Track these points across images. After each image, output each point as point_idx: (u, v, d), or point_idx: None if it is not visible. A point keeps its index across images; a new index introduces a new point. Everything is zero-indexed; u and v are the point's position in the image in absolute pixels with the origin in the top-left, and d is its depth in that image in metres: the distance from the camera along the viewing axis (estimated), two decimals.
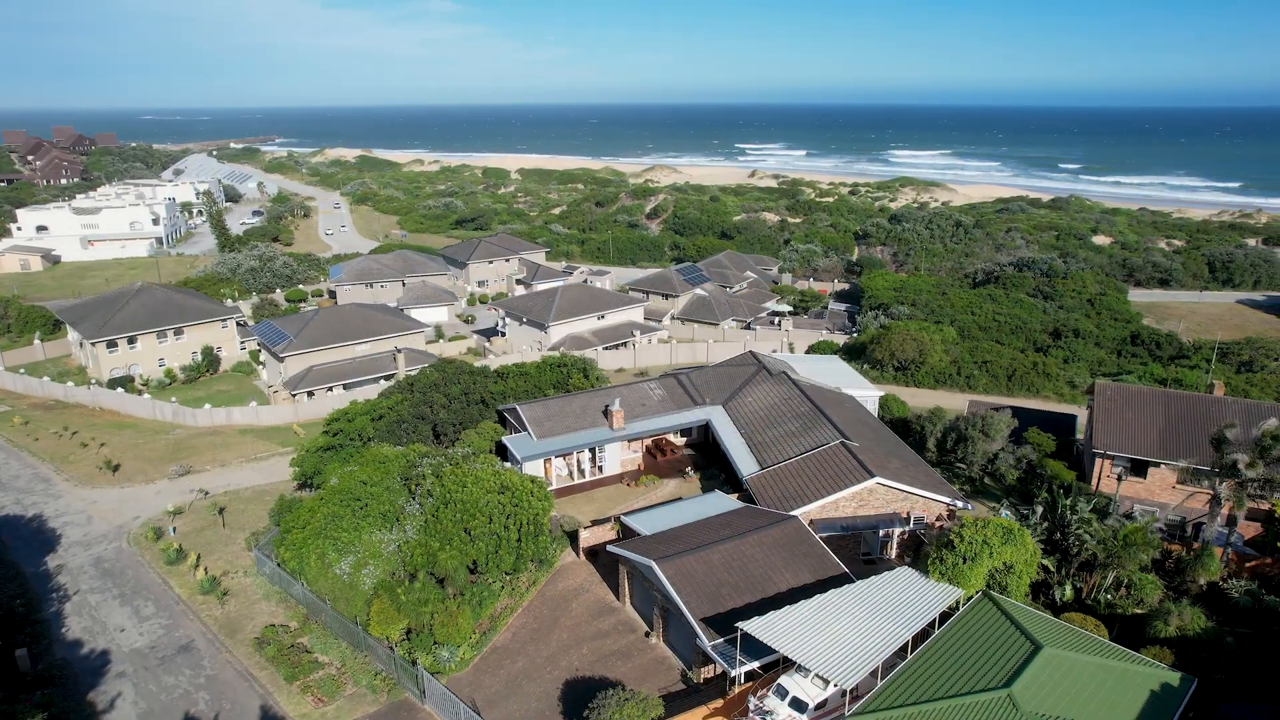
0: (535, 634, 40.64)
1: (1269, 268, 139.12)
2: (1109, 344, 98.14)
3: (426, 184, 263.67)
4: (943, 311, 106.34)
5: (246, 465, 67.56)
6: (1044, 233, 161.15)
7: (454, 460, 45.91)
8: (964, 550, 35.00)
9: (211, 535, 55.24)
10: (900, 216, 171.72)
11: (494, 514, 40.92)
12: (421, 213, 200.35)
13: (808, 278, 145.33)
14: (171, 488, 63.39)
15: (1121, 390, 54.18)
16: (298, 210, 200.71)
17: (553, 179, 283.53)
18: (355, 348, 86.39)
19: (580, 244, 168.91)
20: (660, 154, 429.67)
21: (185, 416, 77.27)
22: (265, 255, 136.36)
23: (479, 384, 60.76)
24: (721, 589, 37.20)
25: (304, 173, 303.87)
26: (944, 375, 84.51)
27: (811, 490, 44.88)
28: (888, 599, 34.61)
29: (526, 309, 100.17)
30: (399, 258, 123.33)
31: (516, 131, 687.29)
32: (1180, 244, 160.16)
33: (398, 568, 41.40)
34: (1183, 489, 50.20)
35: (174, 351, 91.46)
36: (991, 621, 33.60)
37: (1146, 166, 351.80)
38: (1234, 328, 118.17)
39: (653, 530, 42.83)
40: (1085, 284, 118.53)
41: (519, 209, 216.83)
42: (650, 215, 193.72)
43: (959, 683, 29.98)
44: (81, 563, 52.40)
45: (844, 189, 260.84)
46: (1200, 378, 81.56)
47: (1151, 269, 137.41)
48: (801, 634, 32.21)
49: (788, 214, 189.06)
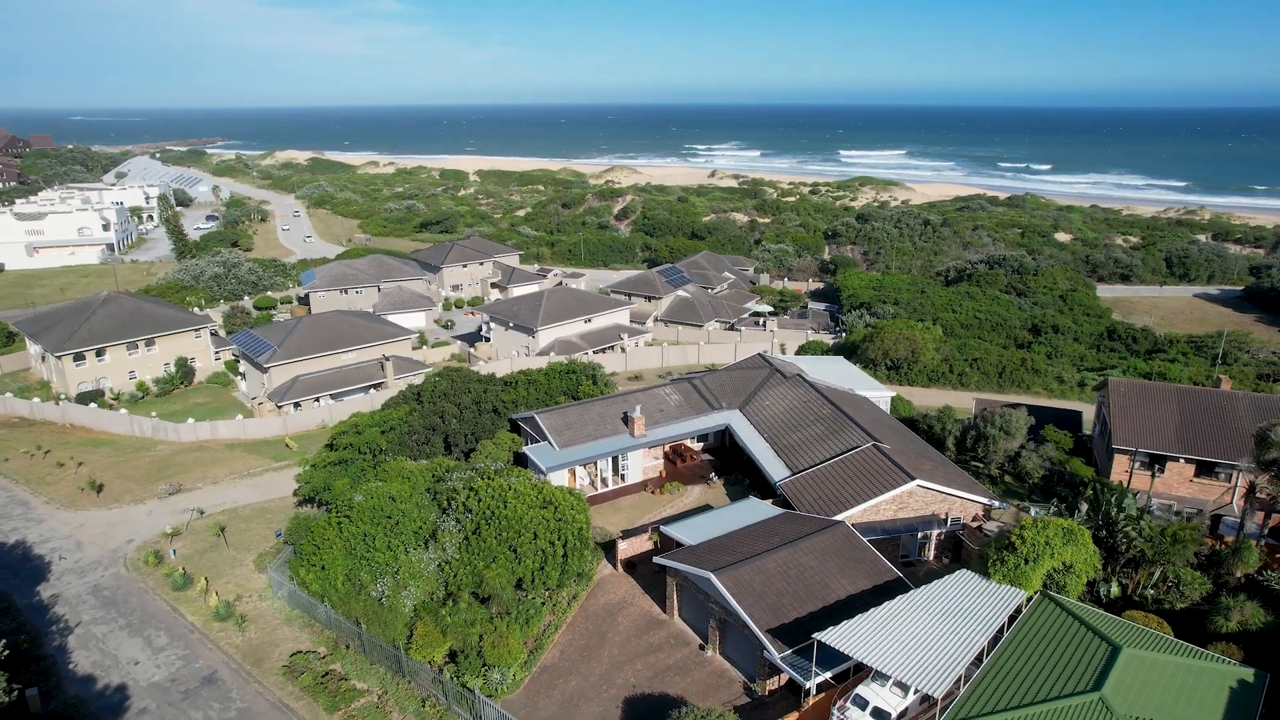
0: (584, 651, 39.48)
1: (1221, 263, 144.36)
2: (1087, 339, 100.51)
3: (384, 186, 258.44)
4: (924, 310, 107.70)
5: (240, 482, 64.79)
6: (1008, 230, 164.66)
7: (485, 474, 44.46)
8: (1026, 552, 35.01)
9: (216, 557, 52.71)
10: (868, 216, 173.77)
11: (539, 530, 39.65)
12: (383, 216, 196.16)
13: (782, 278, 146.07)
14: (163, 508, 60.42)
15: (1135, 386, 55.25)
16: (255, 214, 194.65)
17: (512, 180, 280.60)
18: (341, 356, 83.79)
19: (550, 246, 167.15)
20: (616, 154, 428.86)
21: (167, 432, 73.89)
22: (229, 261, 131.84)
23: (489, 393, 59.19)
24: (782, 599, 36.59)
25: (254, 176, 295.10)
26: (936, 373, 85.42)
27: (850, 495, 44.58)
28: (956, 603, 34.40)
29: (512, 313, 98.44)
30: (373, 262, 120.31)
31: (468, 132, 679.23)
32: (1136, 240, 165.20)
33: (437, 588, 39.85)
34: (1198, 482, 51.32)
35: (145, 363, 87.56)
36: (1060, 623, 33.62)
37: (1093, 165, 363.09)
38: (1195, 321, 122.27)
39: (696, 540, 42.03)
40: (1056, 280, 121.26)
41: (482, 211, 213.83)
42: (619, 216, 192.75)
43: (1044, 687, 29.84)
44: (79, 592, 49.47)
45: (804, 188, 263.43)
46: (1180, 371, 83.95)
47: (1114, 265, 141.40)
48: (880, 642, 31.78)
49: (756, 214, 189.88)
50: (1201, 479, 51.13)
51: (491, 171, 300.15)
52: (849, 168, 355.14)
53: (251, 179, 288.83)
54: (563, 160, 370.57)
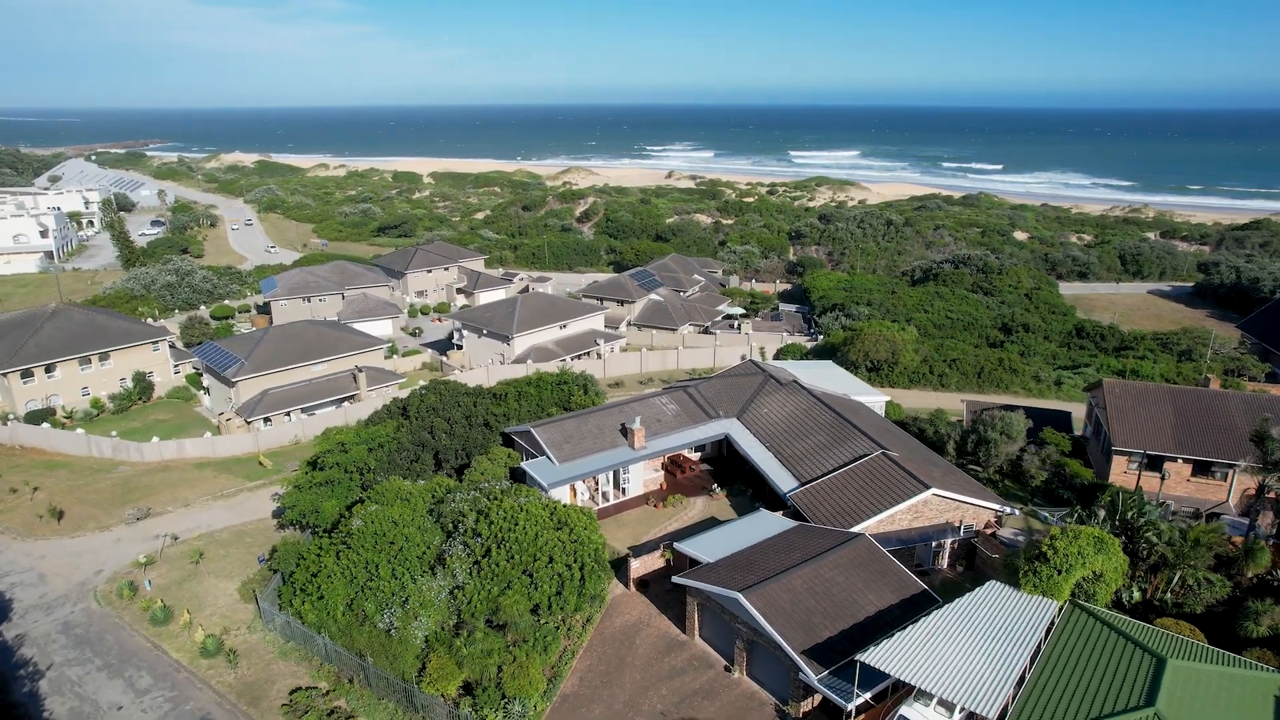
0: (605, 677, 37.95)
1: (1171, 260, 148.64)
2: (1056, 337, 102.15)
3: (336, 189, 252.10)
4: (897, 311, 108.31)
5: (214, 504, 61.59)
6: (968, 229, 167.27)
7: (491, 494, 42.62)
8: (1059, 562, 34.61)
9: (196, 587, 49.77)
10: (831, 216, 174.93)
11: (554, 553, 38.01)
12: (339, 220, 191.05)
13: (750, 279, 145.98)
14: (132, 534, 57.03)
15: (1129, 387, 55.75)
16: (203, 219, 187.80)
17: (468, 182, 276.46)
18: (311, 368, 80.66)
19: (513, 249, 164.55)
20: (571, 155, 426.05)
21: (129, 452, 70.07)
22: (182, 269, 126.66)
23: (480, 406, 57.16)
24: (812, 617, 35.59)
25: (199, 179, 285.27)
26: (917, 375, 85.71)
27: (866, 505, 43.86)
28: (992, 617, 33.78)
29: (486, 320, 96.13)
30: (336, 269, 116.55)
31: (418, 133, 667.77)
32: (1090, 239, 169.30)
33: (448, 617, 37.93)
34: (1195, 481, 51.94)
35: (100, 379, 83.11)
36: (1097, 634, 33.23)
37: (1039, 164, 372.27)
38: (1152, 317, 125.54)
39: (714, 557, 40.81)
40: (1020, 279, 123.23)
41: (440, 214, 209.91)
42: (581, 219, 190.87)
43: (1094, 704, 29.33)
44: (47, 630, 46.16)
45: (762, 189, 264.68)
46: (1151, 368, 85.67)
47: (1071, 263, 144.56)
48: (925, 661, 30.97)
49: (719, 215, 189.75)
50: (1198, 478, 51.76)
51: (446, 173, 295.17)
52: (802, 168, 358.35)
53: (196, 182, 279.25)
54: (517, 161, 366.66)
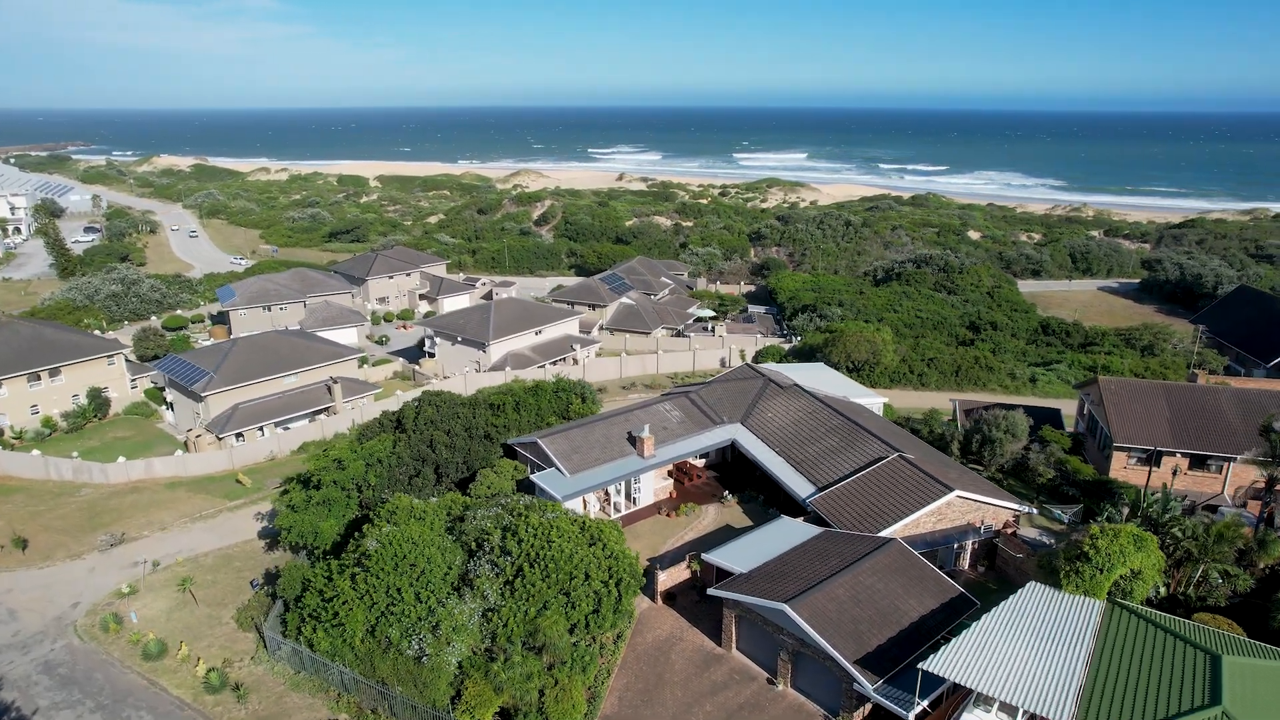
0: (645, 695, 36.80)
1: (1118, 257, 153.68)
2: (1023, 335, 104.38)
3: (280, 194, 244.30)
4: (868, 311, 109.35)
5: (194, 526, 58.39)
6: (924, 229, 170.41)
7: (513, 510, 41.05)
8: (1100, 561, 34.79)
9: (187, 617, 46.94)
10: (790, 217, 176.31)
11: (590, 569, 36.70)
12: (287, 225, 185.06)
13: (714, 281, 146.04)
14: (107, 562, 53.65)
15: (1124, 384, 56.92)
16: (142, 226, 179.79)
17: (416, 185, 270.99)
18: (283, 380, 77.41)
19: (472, 254, 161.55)
20: (518, 158, 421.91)
21: (92, 473, 66.10)
22: (127, 278, 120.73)
23: (479, 417, 55.34)
24: (859, 625, 35.06)
25: (131, 184, 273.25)
26: (897, 375, 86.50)
27: (891, 509, 43.60)
28: (1040, 619, 33.73)
29: (459, 327, 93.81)
30: (296, 276, 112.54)
31: (359, 136, 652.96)
32: (1039, 237, 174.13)
33: (481, 641, 36.29)
34: (1192, 475, 53.25)
35: (51, 396, 78.42)
36: (1142, 632, 33.43)
37: (979, 165, 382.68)
38: (1104, 313, 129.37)
39: (745, 566, 40.01)
40: (981, 278, 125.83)
41: (391, 218, 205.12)
42: (539, 222, 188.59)
43: (1156, 704, 29.38)
44: (26, 671, 42.90)
45: (714, 190, 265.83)
46: (1120, 363, 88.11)
47: (1025, 261, 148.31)
48: (987, 666, 30.66)
49: (679, 218, 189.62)
50: (1195, 472, 53.08)
51: (392, 177, 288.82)
52: (749, 170, 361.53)
53: (128, 187, 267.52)
54: (465, 164, 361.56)
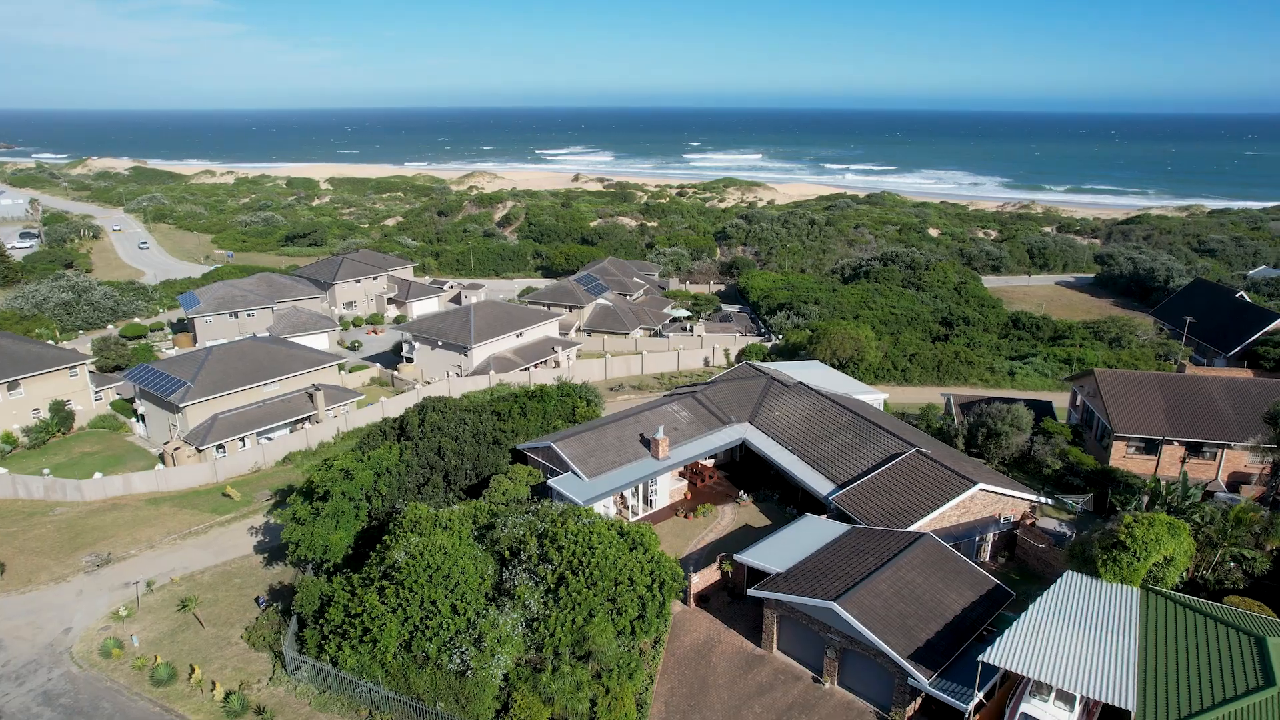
0: (691, 700, 36.29)
1: (1073, 253, 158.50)
2: (994, 329, 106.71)
3: (228, 197, 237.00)
4: (844, 308, 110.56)
5: (184, 543, 55.93)
6: (884, 227, 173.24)
7: (545, 516, 40.16)
8: (1137, 549, 35.50)
9: (193, 638, 44.86)
10: (754, 216, 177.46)
11: (634, 574, 36.06)
12: (240, 229, 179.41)
13: (684, 281, 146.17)
14: (95, 584, 51.06)
15: (1120, 376, 58.43)
16: (85, 231, 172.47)
17: (369, 188, 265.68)
18: (264, 389, 74.88)
19: (436, 256, 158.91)
20: (468, 160, 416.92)
21: (65, 491, 62.94)
22: (78, 286, 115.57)
23: (486, 423, 54.15)
24: (905, 620, 35.14)
25: (65, 187, 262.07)
26: (881, 371, 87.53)
27: (916, 505, 43.88)
28: (1084, 608, 34.22)
29: (439, 331, 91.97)
30: (262, 281, 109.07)
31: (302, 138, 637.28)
32: (995, 234, 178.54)
33: (525, 652, 35.35)
34: (1188, 462, 54.89)
35: (9, 410, 74.54)
36: (1180, 617, 34.17)
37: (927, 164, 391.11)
38: (1064, 307, 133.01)
39: (781, 566, 39.81)
40: (947, 274, 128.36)
41: (347, 221, 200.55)
42: (502, 223, 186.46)
43: (1211, 687, 30.01)
44: (24, 703, 40.47)
45: (671, 190, 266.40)
46: (1095, 356, 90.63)
47: (985, 257, 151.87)
48: (1045, 656, 30.97)
49: (643, 218, 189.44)
50: (1191, 459, 54.74)
51: (344, 179, 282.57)
52: (701, 170, 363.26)
53: (63, 190, 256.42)
54: (415, 165, 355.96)
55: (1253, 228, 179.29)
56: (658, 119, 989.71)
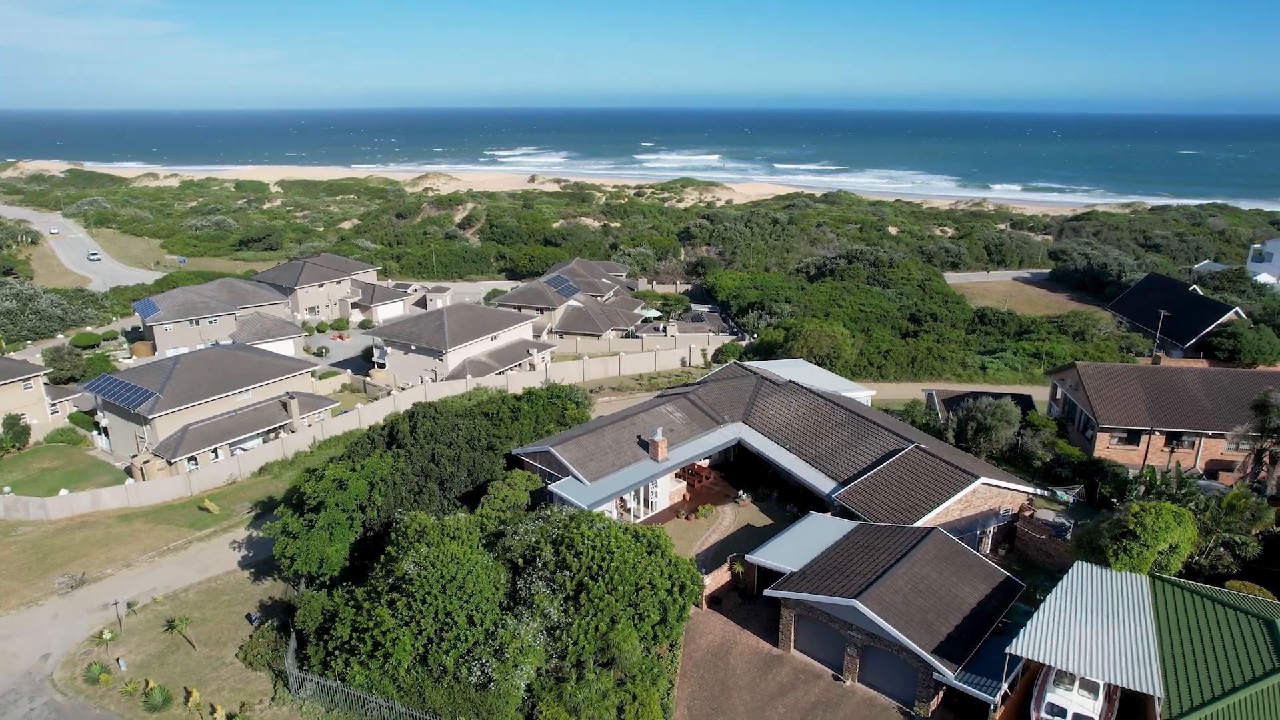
0: (713, 703, 35.95)
1: (1028, 249, 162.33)
2: (961, 325, 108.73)
3: (174, 201, 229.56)
4: (814, 306, 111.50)
5: (163, 560, 53.72)
6: (845, 226, 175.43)
7: (556, 521, 39.44)
8: (1146, 538, 36.27)
9: (184, 660, 43.03)
10: (716, 216, 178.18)
11: (655, 579, 35.60)
12: (190, 234, 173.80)
13: (651, 281, 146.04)
14: (71, 607, 48.72)
15: (1101, 369, 59.89)
16: (22, 236, 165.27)
17: (320, 190, 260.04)
18: (236, 398, 72.46)
19: (397, 259, 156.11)
20: (420, 161, 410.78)
21: (28, 509, 60.03)
22: (22, 294, 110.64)
23: (478, 428, 53.12)
24: (926, 615, 35.35)
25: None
26: (858, 368, 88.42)
27: (921, 500, 44.24)
28: (1098, 597, 34.80)
29: (412, 336, 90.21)
30: (224, 287, 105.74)
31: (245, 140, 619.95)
32: (953, 231, 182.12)
33: (546, 661, 34.64)
34: (1166, 450, 56.46)
35: None
36: (1191, 603, 35.01)
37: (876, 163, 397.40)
38: (1024, 302, 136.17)
39: (795, 565, 39.74)
40: (911, 271, 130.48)
41: (301, 224, 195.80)
42: (462, 225, 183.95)
43: (1229, 670, 30.75)
44: None
45: (629, 191, 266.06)
46: (1063, 350, 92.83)
47: (945, 254, 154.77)
48: (1070, 646, 31.40)
49: (605, 219, 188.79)
50: (1169, 448, 56.31)
51: (295, 181, 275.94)
52: (655, 170, 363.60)
53: None
54: (365, 167, 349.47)
55: (1193, 224, 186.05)
56: (607, 120, 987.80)
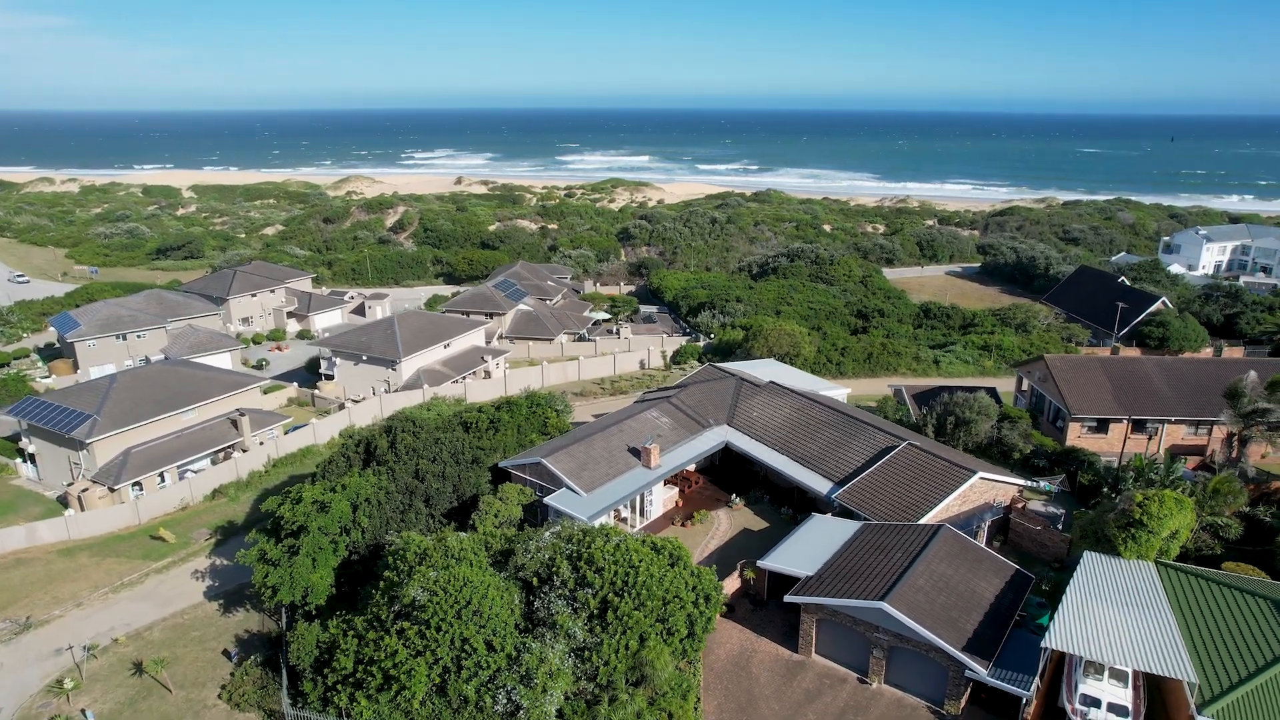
0: (741, 714, 35.06)
1: (958, 244, 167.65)
2: (908, 319, 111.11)
3: (75, 207, 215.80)
4: (764, 305, 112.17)
5: (118, 597, 49.72)
6: (781, 224, 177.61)
7: (568, 537, 37.91)
8: (1153, 525, 37.16)
9: (161, 705, 39.75)
10: (655, 216, 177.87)
11: (681, 591, 34.52)
12: (100, 242, 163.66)
13: (595, 283, 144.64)
14: (19, 655, 44.58)
15: (1068, 360, 61.64)
16: None
17: (238, 195, 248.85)
18: (181, 417, 68.03)
19: (328, 266, 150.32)
20: (339, 164, 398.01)
21: None
22: None
23: (461, 441, 50.96)
24: (949, 612, 35.33)
25: None
26: (816, 365, 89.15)
27: (922, 497, 44.39)
28: (1114, 587, 35.41)
29: (363, 345, 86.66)
30: (152, 298, 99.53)
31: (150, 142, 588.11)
32: (884, 228, 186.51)
33: (575, 683, 33.15)
34: (1134, 438, 58.54)
35: None
36: (1197, 587, 36.02)
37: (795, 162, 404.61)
38: (959, 295, 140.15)
39: (809, 569, 39.30)
40: (852, 268, 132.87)
41: (222, 231, 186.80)
42: (394, 229, 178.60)
43: (1250, 651, 31.67)
44: None
45: (560, 192, 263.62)
46: (1011, 342, 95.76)
47: (880, 250, 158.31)
48: (1100, 638, 31.76)
49: (542, 220, 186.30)
50: (1136, 435, 58.39)
51: (209, 186, 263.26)
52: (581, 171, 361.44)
53: None
54: (283, 171, 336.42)
55: (1105, 218, 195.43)
56: (521, 120, 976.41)
